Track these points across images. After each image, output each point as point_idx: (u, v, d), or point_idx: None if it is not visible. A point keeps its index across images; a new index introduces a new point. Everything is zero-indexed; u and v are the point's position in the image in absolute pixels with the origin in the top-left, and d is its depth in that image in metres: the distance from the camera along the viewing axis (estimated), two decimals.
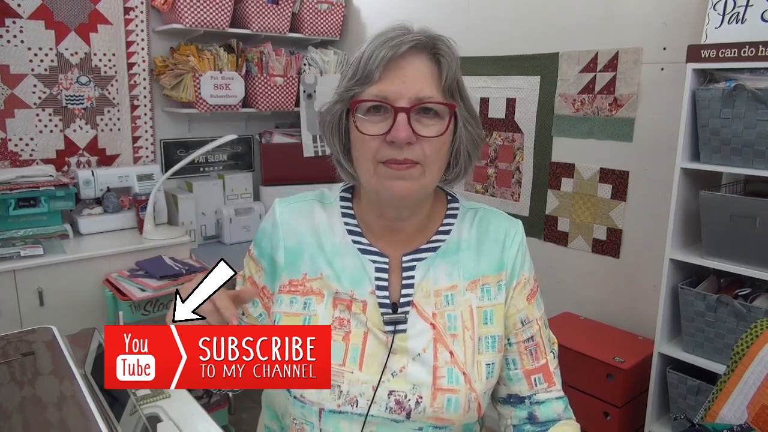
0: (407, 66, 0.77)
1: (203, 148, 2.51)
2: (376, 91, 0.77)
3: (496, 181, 2.64)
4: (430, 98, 0.77)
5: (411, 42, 0.77)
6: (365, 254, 0.86)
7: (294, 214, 0.90)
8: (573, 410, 0.93)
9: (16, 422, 0.86)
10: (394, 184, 0.78)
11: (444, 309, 0.85)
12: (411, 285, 0.85)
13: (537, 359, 0.89)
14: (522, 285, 0.89)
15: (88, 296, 2.26)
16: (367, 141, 0.78)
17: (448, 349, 0.83)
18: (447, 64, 0.79)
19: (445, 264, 0.87)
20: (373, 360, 0.82)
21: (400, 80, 0.77)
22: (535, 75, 2.42)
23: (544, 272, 2.47)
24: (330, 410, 0.81)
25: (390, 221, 0.86)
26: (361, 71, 0.78)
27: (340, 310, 0.84)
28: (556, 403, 0.89)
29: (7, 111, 2.45)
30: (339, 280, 0.85)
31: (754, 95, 1.59)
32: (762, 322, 1.34)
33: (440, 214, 0.91)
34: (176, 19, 2.64)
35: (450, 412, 0.81)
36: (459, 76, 0.82)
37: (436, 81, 0.79)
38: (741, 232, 1.67)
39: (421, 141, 0.77)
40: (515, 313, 0.88)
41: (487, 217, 0.92)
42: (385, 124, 0.77)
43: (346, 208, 0.90)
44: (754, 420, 1.23)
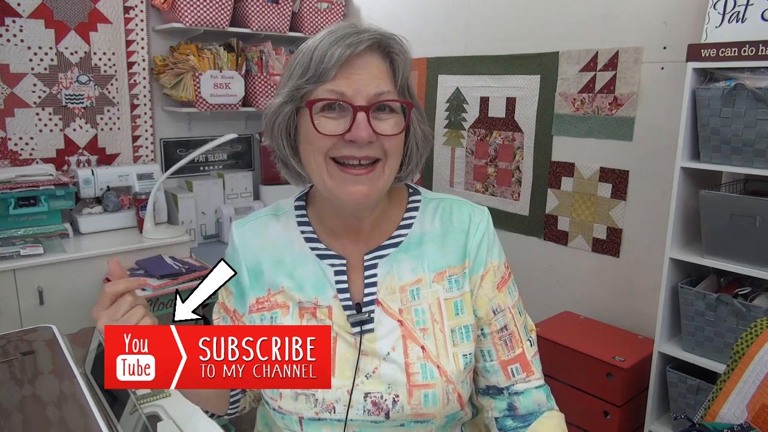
0: (363, 64, 0.76)
1: (203, 148, 2.51)
2: (331, 88, 0.75)
3: (496, 180, 2.64)
4: (388, 94, 0.77)
5: (368, 41, 0.76)
6: (323, 259, 0.86)
7: (250, 233, 0.90)
8: (572, 409, 0.92)
9: (16, 421, 0.86)
10: (352, 189, 0.77)
11: (410, 304, 0.84)
12: (374, 283, 0.84)
13: (512, 349, 0.87)
14: (491, 273, 0.87)
15: (88, 295, 2.26)
16: (323, 139, 0.76)
17: (419, 344, 0.82)
18: (402, 63, 0.79)
19: (409, 258, 0.86)
20: (345, 364, 0.82)
21: (357, 78, 0.75)
22: (535, 74, 2.42)
23: (544, 272, 2.47)
24: (310, 418, 0.81)
25: (347, 219, 0.86)
26: (313, 69, 0.76)
27: (307, 318, 0.84)
28: (536, 392, 0.88)
29: (7, 110, 2.45)
30: (302, 289, 0.85)
31: (754, 94, 1.59)
32: (762, 322, 1.35)
33: (401, 209, 0.90)
34: (176, 18, 2.63)
35: (429, 406, 0.81)
36: (410, 76, 0.81)
37: (391, 80, 0.79)
38: (741, 232, 1.67)
39: (380, 139, 0.77)
40: (486, 302, 0.86)
41: (450, 207, 0.90)
42: (343, 122, 0.75)
43: (301, 216, 0.90)
44: (753, 419, 1.23)
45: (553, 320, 2.26)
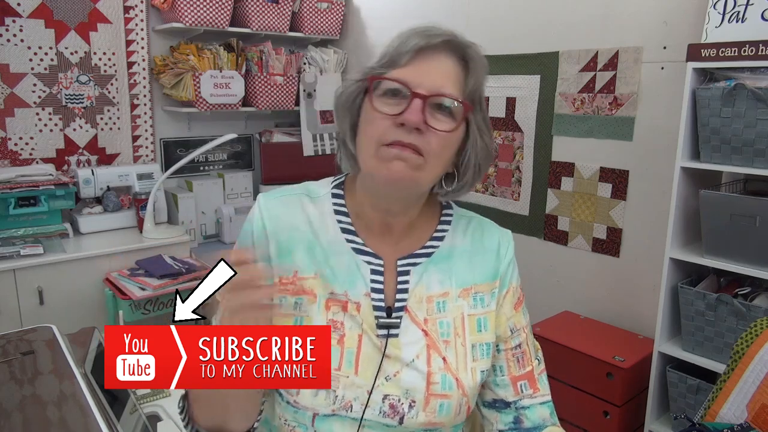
0: (435, 60, 0.77)
1: (203, 147, 2.51)
2: (398, 75, 0.76)
3: (496, 180, 2.64)
4: (449, 94, 0.77)
5: (444, 36, 0.77)
6: (359, 254, 0.84)
7: (281, 208, 0.86)
8: (573, 409, 0.94)
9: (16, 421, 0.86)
10: (391, 165, 0.75)
11: (436, 316, 0.84)
12: (406, 290, 0.84)
13: (523, 366, 0.90)
14: (511, 294, 0.90)
15: (88, 295, 2.26)
16: (378, 120, 0.76)
17: (441, 355, 0.83)
18: (475, 70, 0.79)
19: (437, 271, 0.86)
20: (368, 363, 0.81)
21: (425, 70, 0.76)
22: (535, 74, 2.42)
23: (544, 271, 2.47)
24: (324, 414, 0.81)
25: (382, 214, 0.84)
26: (390, 54, 0.78)
27: (334, 312, 0.82)
28: (541, 408, 0.90)
29: (7, 110, 2.45)
30: (336, 278, 0.83)
31: (754, 94, 1.59)
32: (762, 321, 1.35)
33: (434, 220, 0.90)
34: (176, 18, 2.63)
35: (442, 416, 0.81)
36: (483, 87, 0.81)
37: (460, 84, 0.79)
38: (741, 232, 1.67)
39: (429, 132, 0.76)
40: (505, 321, 0.89)
41: (481, 226, 0.92)
42: (399, 107, 0.75)
43: (339, 204, 0.87)
44: (753, 419, 1.23)
45: (553, 320, 2.26)
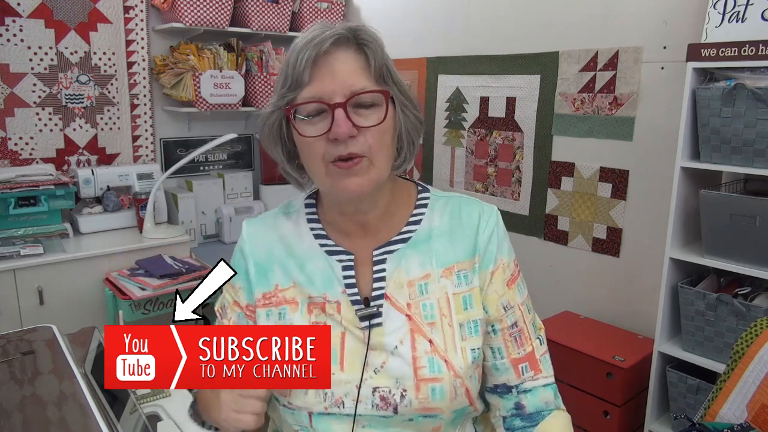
0: (334, 62, 0.77)
1: (203, 147, 2.51)
2: (309, 93, 0.77)
3: (496, 180, 2.64)
4: (363, 89, 0.77)
5: (332, 38, 0.77)
6: (331, 255, 0.87)
7: (260, 229, 0.92)
8: (573, 409, 0.92)
9: (16, 421, 0.86)
10: (347, 183, 0.78)
11: (419, 299, 0.84)
12: (383, 278, 0.85)
13: (522, 346, 0.88)
14: (501, 270, 0.88)
15: (88, 295, 2.26)
16: (312, 143, 0.78)
17: (426, 338, 0.83)
18: (372, 51, 0.79)
19: (417, 254, 0.86)
20: (354, 358, 0.82)
21: (330, 77, 0.77)
22: (535, 74, 2.42)
23: (544, 271, 2.47)
24: (319, 413, 0.81)
25: (353, 215, 0.87)
26: (290, 76, 0.78)
27: (316, 314, 0.85)
28: (543, 390, 0.88)
29: (7, 110, 2.45)
30: (312, 284, 0.86)
31: (754, 94, 1.59)
32: (762, 321, 1.34)
33: (409, 205, 0.91)
34: (176, 18, 2.63)
35: (436, 400, 0.81)
36: (388, 61, 0.81)
37: (366, 71, 0.79)
38: (741, 231, 1.67)
39: (363, 132, 0.77)
40: (497, 299, 0.87)
41: (459, 204, 0.91)
42: (325, 123, 0.77)
43: (311, 213, 0.92)
44: (753, 419, 1.23)
45: (553, 320, 2.26)
